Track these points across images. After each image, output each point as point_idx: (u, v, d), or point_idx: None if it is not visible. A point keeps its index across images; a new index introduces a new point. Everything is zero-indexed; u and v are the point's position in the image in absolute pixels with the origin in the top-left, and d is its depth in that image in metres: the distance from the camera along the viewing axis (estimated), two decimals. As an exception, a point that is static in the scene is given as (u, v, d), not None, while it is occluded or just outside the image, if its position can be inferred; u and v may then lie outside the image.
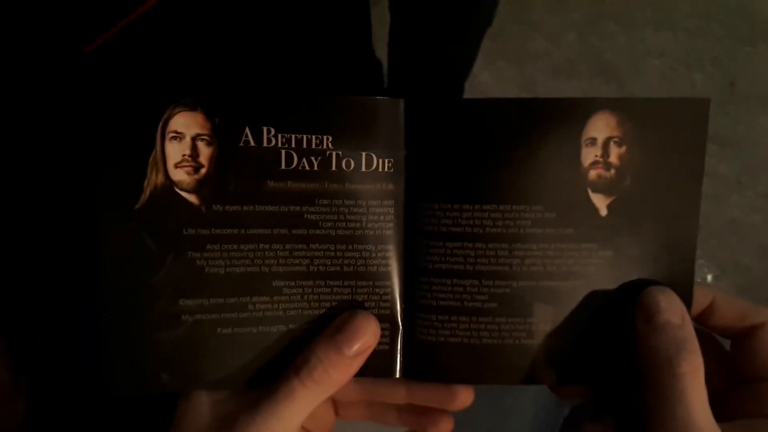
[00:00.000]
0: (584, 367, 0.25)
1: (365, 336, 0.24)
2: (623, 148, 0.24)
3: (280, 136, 0.24)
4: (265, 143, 0.24)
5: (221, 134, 0.24)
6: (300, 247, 0.25)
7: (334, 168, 0.24)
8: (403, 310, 0.26)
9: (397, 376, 0.26)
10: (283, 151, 0.24)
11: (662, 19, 0.99)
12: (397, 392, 0.27)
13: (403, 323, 0.26)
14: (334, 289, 0.25)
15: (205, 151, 0.24)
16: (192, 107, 0.23)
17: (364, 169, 0.25)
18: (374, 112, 0.24)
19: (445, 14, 0.63)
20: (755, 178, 0.93)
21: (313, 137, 0.24)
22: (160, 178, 0.24)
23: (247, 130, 0.24)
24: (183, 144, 0.24)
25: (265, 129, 0.24)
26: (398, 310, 0.25)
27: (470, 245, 0.24)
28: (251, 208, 0.24)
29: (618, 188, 0.24)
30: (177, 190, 0.24)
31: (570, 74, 0.96)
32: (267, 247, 0.24)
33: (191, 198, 0.24)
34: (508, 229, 0.24)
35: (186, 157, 0.24)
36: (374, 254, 0.25)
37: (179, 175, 0.24)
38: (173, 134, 0.23)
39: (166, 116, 0.23)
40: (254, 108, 0.24)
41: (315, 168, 0.24)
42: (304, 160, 0.24)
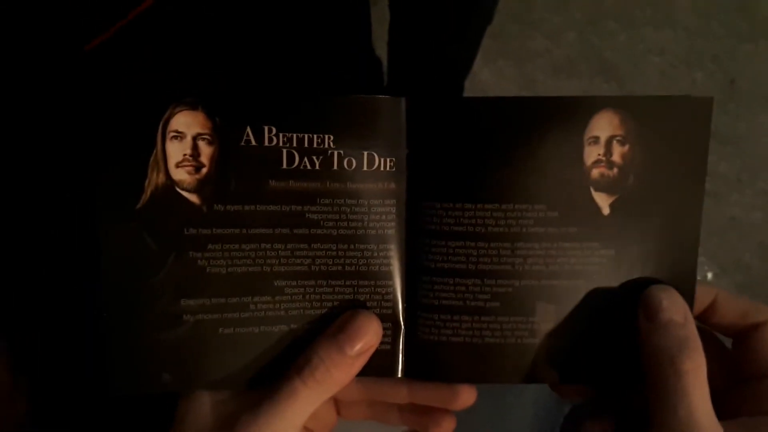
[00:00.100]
0: (586, 366, 0.25)
1: (367, 336, 0.24)
2: (626, 147, 0.24)
3: (281, 135, 0.24)
4: (266, 142, 0.24)
5: (222, 133, 0.24)
6: (302, 246, 0.25)
7: (335, 167, 0.24)
8: (405, 309, 0.25)
9: (399, 375, 0.26)
10: (284, 151, 0.24)
11: (662, 17, 0.98)
12: (399, 392, 0.27)
13: (405, 323, 0.25)
14: (336, 289, 0.25)
15: (206, 151, 0.24)
16: (193, 106, 0.23)
17: (365, 168, 0.24)
18: (376, 111, 0.24)
19: (445, 13, 0.63)
20: (755, 176, 0.93)
21: (315, 136, 0.24)
22: (161, 178, 0.24)
23: (248, 130, 0.24)
24: (184, 143, 0.23)
25: (266, 128, 0.24)
26: (400, 309, 0.25)
27: (472, 244, 0.24)
28: (253, 207, 0.24)
29: (621, 187, 0.24)
30: (178, 190, 0.24)
31: (570, 73, 0.96)
32: (269, 246, 0.24)
33: (192, 198, 0.24)
34: (510, 228, 0.24)
35: (187, 156, 0.24)
36: (376, 253, 0.25)
37: (180, 175, 0.24)
38: (174, 134, 0.23)
39: (166, 116, 0.23)
40: (255, 107, 0.24)
41: (316, 167, 0.24)
42: (305, 159, 0.24)
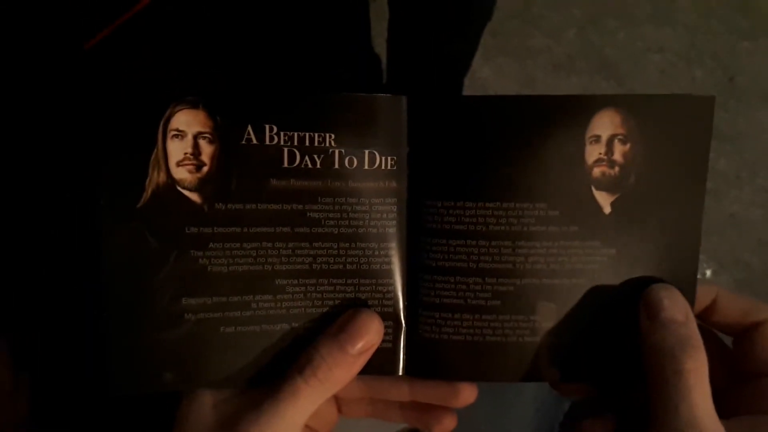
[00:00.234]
0: (587, 365, 0.25)
1: (369, 334, 0.24)
2: (627, 146, 0.24)
3: (282, 134, 0.24)
4: (267, 141, 0.24)
5: (223, 132, 0.24)
6: (303, 245, 0.25)
7: (336, 166, 0.24)
8: (406, 307, 0.25)
9: (401, 373, 0.26)
10: (285, 149, 0.24)
11: (662, 14, 0.98)
12: (401, 390, 0.27)
13: (406, 321, 0.26)
14: (337, 287, 0.25)
15: (207, 150, 0.24)
16: (194, 105, 0.23)
17: (366, 166, 0.24)
18: (377, 110, 0.24)
19: (445, 9, 0.63)
20: (755, 173, 0.93)
21: (316, 135, 0.24)
22: (162, 177, 0.23)
23: (249, 128, 0.24)
24: (185, 142, 0.23)
25: (267, 127, 0.24)
26: (401, 307, 0.25)
27: (473, 243, 0.24)
28: (254, 206, 0.24)
29: (622, 186, 0.24)
30: (179, 189, 0.24)
31: (570, 70, 0.96)
32: (270, 245, 0.24)
33: (193, 196, 0.24)
34: (511, 226, 0.24)
35: (188, 155, 0.23)
36: (377, 252, 0.25)
37: (181, 174, 0.24)
38: (175, 132, 0.23)
39: (167, 114, 0.23)
40: (256, 106, 0.24)
41: (318, 166, 0.24)
42: (306, 158, 0.24)
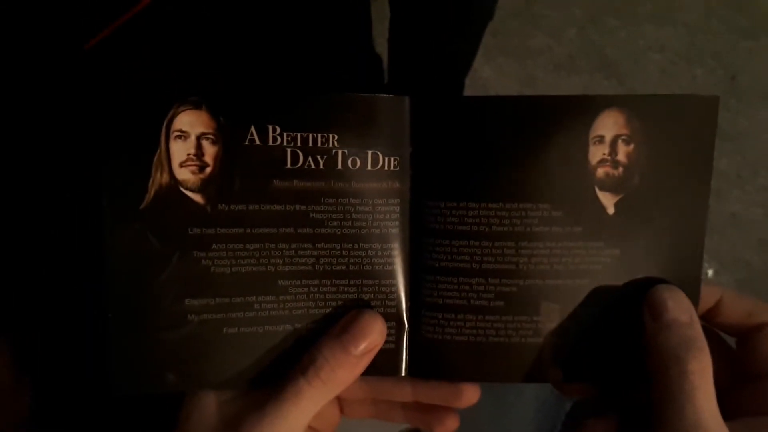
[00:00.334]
0: (590, 366, 0.25)
1: (372, 335, 0.24)
2: (631, 146, 0.24)
3: (285, 134, 0.24)
4: (270, 142, 0.24)
5: (226, 133, 0.24)
6: (306, 246, 0.24)
7: (339, 166, 0.24)
8: (409, 308, 0.25)
9: (403, 374, 0.26)
10: (288, 150, 0.24)
11: (663, 14, 0.98)
12: (403, 390, 0.27)
13: (409, 322, 0.25)
14: (340, 288, 0.25)
15: (210, 150, 0.24)
16: (197, 106, 0.23)
17: (369, 167, 0.24)
18: (380, 110, 0.24)
19: (446, 9, 0.63)
20: (756, 172, 0.93)
21: (319, 135, 0.24)
22: (165, 178, 0.23)
23: (252, 129, 0.24)
24: (188, 143, 0.23)
25: (270, 128, 0.24)
26: (404, 308, 0.25)
27: (476, 243, 0.24)
28: (257, 207, 0.24)
29: (626, 186, 0.24)
30: (182, 190, 0.24)
31: (570, 70, 0.96)
32: (273, 246, 0.24)
33: (196, 197, 0.24)
34: (514, 227, 0.24)
35: (191, 156, 0.23)
36: (380, 253, 0.25)
37: (184, 175, 0.24)
38: (178, 133, 0.23)
39: (170, 115, 0.23)
40: (259, 107, 0.24)
41: (321, 167, 0.24)
42: (309, 158, 0.24)
